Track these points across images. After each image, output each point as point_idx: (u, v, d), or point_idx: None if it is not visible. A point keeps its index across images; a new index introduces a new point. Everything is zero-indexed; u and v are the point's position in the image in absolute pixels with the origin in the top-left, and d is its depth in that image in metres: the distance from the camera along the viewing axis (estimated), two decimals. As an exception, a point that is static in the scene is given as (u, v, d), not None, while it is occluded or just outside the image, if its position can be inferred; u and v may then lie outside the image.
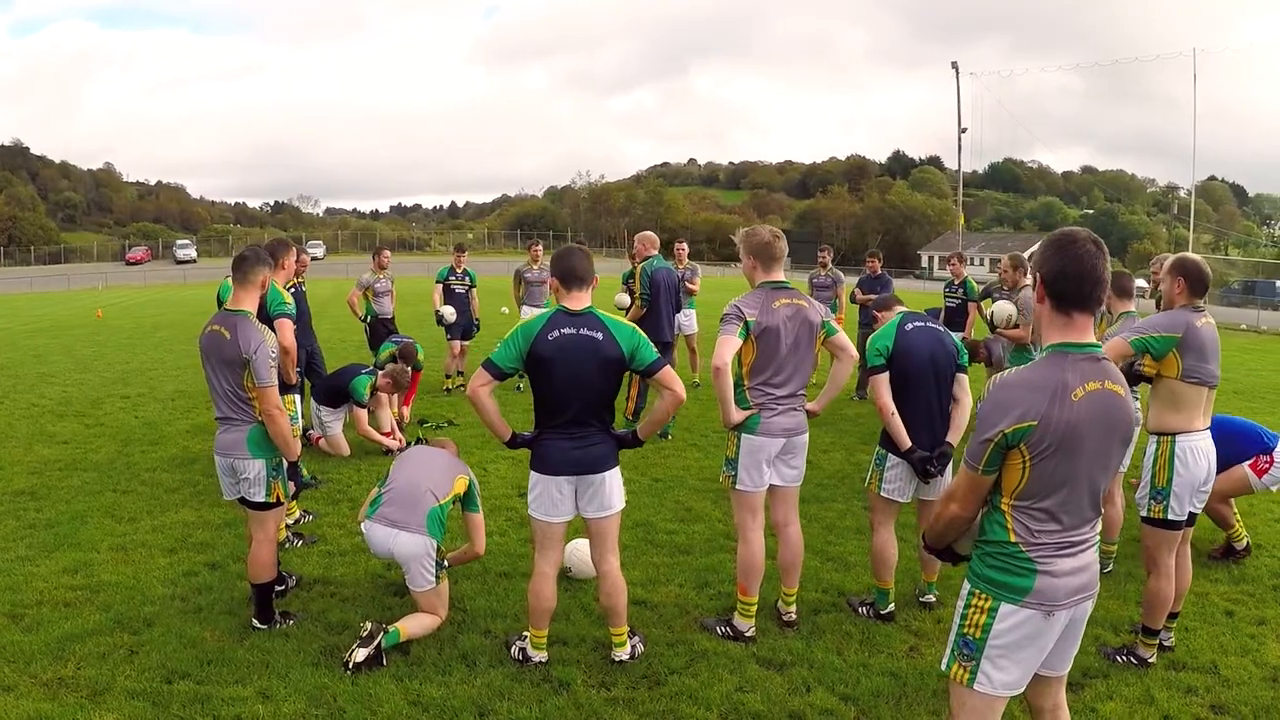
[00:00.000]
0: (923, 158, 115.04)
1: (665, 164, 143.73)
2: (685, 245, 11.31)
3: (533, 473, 3.91)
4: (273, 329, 4.68)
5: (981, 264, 59.90)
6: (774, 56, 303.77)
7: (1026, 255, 8.10)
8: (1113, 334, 5.18)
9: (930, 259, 68.52)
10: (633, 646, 4.11)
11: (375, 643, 3.92)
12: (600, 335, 3.76)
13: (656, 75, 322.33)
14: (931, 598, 4.79)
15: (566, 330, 3.75)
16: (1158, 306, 5.28)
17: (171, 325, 19.79)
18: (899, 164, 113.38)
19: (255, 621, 4.30)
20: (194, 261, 64.68)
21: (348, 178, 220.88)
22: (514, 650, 4.10)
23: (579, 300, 3.86)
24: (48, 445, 8.11)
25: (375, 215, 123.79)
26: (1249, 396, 12.11)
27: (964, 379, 4.57)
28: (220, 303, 7.05)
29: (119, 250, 70.54)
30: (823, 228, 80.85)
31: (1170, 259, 4.43)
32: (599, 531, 3.97)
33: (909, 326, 4.47)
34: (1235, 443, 5.47)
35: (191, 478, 7.02)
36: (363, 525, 4.34)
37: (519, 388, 10.94)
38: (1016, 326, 6.55)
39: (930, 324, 4.59)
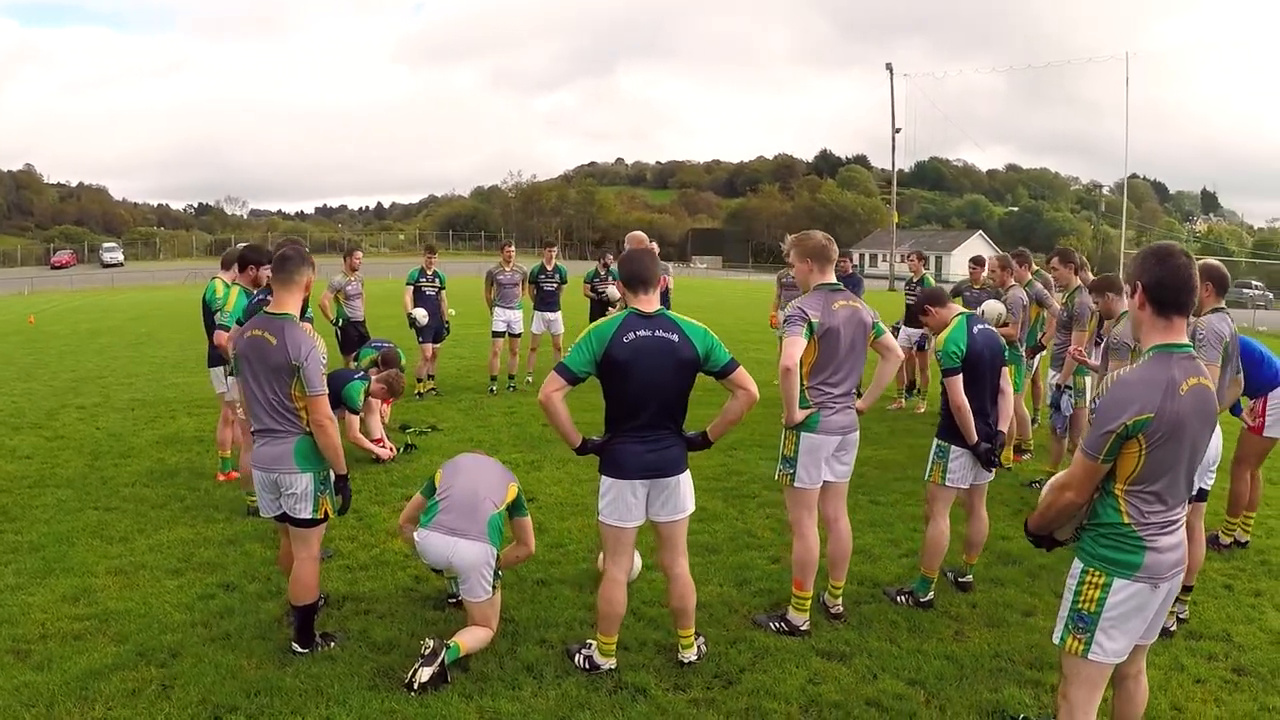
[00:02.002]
0: (849, 156, 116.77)
1: (593, 163, 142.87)
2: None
3: (605, 477, 3.70)
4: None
5: (902, 261, 61.16)
6: (700, 56, 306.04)
7: (996, 254, 8.12)
8: (1119, 334, 5.24)
9: (861, 256, 68.82)
10: (699, 647, 3.98)
11: (439, 660, 3.62)
12: (676, 337, 3.62)
13: (583, 75, 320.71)
14: (969, 578, 4.87)
15: (642, 332, 3.58)
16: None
17: (110, 331, 18.60)
18: (826, 163, 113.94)
19: (295, 645, 3.93)
20: (121, 265, 61.38)
21: (271, 178, 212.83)
22: (579, 659, 3.88)
23: (649, 302, 3.70)
24: (9, 460, 7.42)
25: (301, 216, 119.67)
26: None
27: (1006, 372, 4.74)
28: (206, 305, 6.55)
29: (43, 254, 66.31)
30: (754, 226, 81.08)
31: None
32: (671, 535, 3.81)
33: (975, 329, 4.58)
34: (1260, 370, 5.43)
35: (176, 492, 6.50)
36: (416, 535, 4.02)
37: (492, 390, 10.60)
38: (1006, 325, 6.55)
39: (985, 324, 4.73)
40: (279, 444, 3.83)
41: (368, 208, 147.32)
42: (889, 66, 35.28)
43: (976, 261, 8.89)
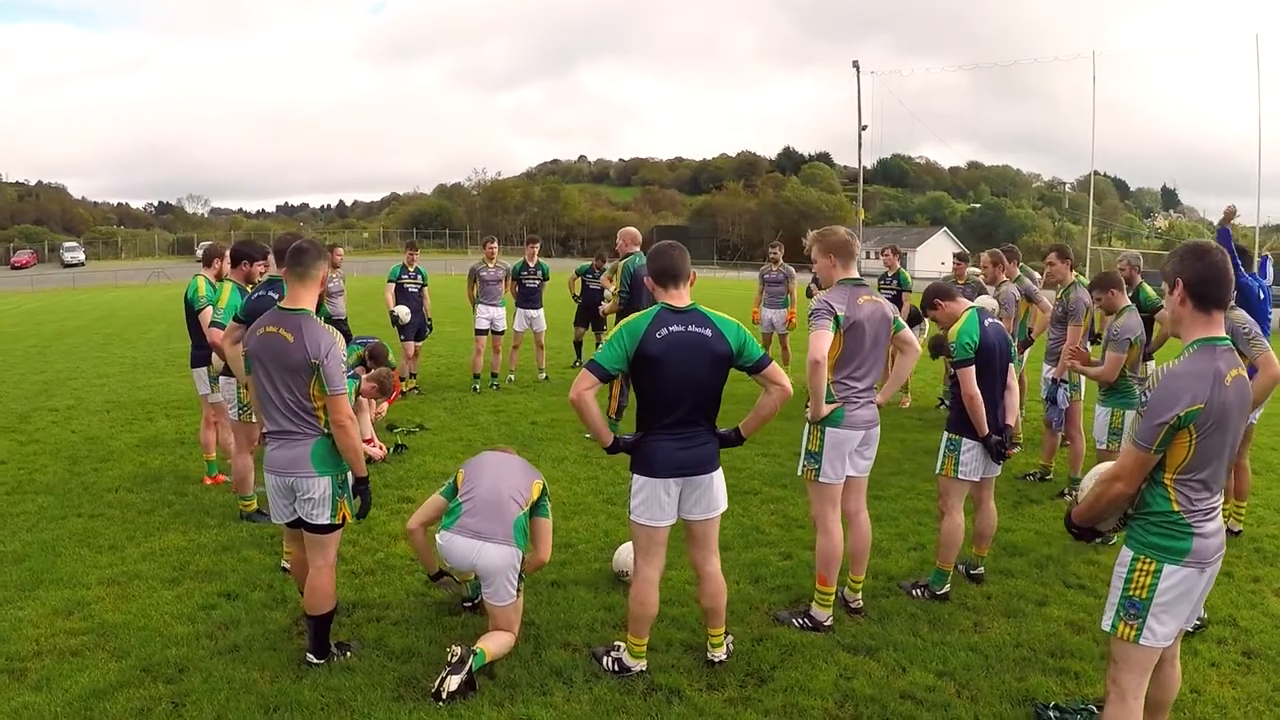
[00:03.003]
0: (812, 154, 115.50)
1: (555, 161, 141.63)
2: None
3: (637, 476, 3.56)
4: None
5: (875, 258, 61.59)
6: (663, 54, 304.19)
7: (976, 252, 8.10)
8: (1120, 328, 5.24)
9: None
10: (728, 646, 3.89)
11: (466, 667, 3.44)
12: (709, 332, 3.48)
13: (546, 72, 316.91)
14: (980, 570, 4.85)
15: (675, 328, 3.44)
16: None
17: (77, 332, 17.88)
18: (789, 160, 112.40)
19: (311, 656, 3.72)
20: (82, 264, 59.33)
21: (232, 177, 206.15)
22: (607, 661, 3.75)
23: (680, 297, 3.56)
24: (-18, 467, 7.03)
25: (262, 215, 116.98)
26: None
27: (1012, 368, 4.69)
28: (188, 302, 6.24)
29: (2, 254, 63.93)
30: (719, 223, 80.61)
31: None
32: (703, 533, 3.69)
33: (986, 323, 4.53)
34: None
35: (163, 497, 6.20)
36: (439, 537, 3.83)
37: (475, 388, 10.37)
38: (999, 320, 6.52)
39: (993, 319, 4.68)
40: (296, 446, 3.60)
41: (329, 206, 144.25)
42: (856, 64, 34.81)
43: (960, 257, 8.89)
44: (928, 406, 9.84)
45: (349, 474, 3.70)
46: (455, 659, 3.46)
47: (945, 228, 72.35)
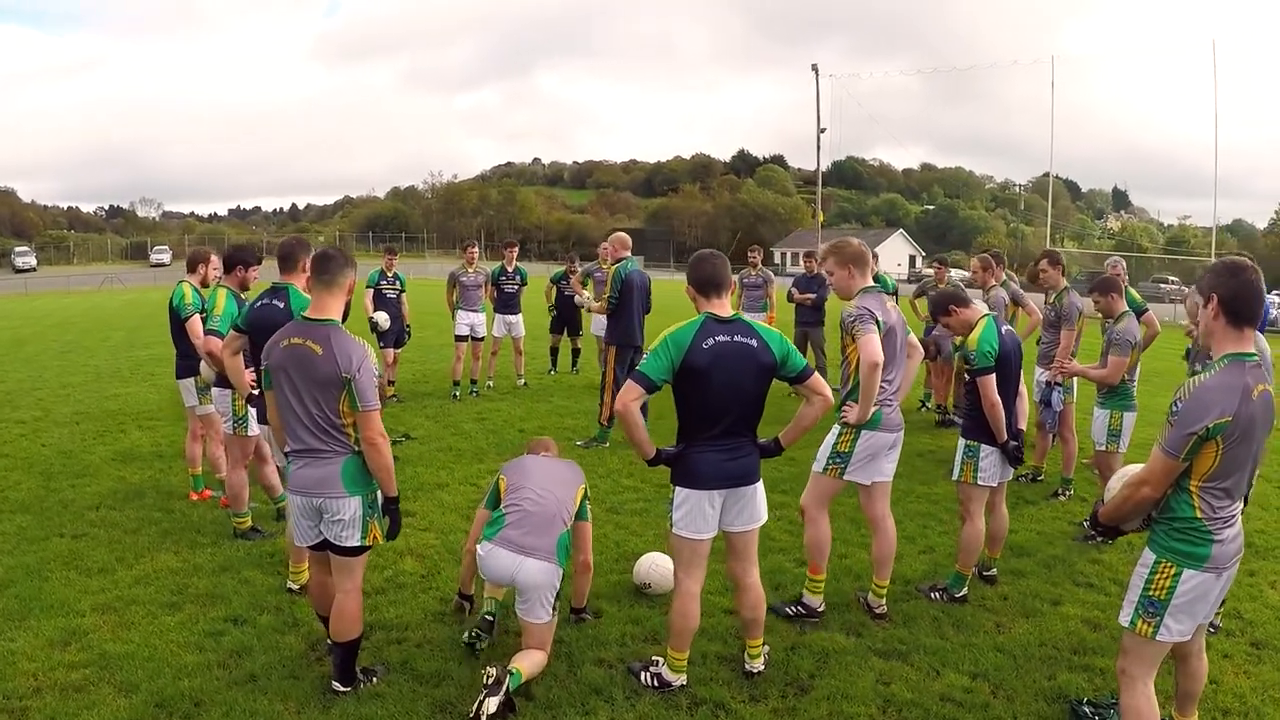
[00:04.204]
0: (767, 156, 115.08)
1: (509, 163, 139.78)
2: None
3: (679, 489, 3.44)
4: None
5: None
6: (617, 56, 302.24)
7: (977, 256, 8.06)
8: (1119, 332, 5.27)
9: (784, 255, 68.32)
10: (765, 656, 3.80)
11: (504, 688, 3.25)
12: (755, 342, 3.38)
13: (500, 75, 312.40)
14: (993, 571, 4.86)
15: (721, 338, 3.33)
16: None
17: (34, 340, 16.98)
18: (744, 162, 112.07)
19: (336, 684, 3.49)
20: (34, 269, 56.88)
21: (183, 180, 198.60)
22: (646, 677, 3.61)
23: (724, 306, 3.46)
24: (-52, 486, 6.56)
25: (214, 218, 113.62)
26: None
27: (1020, 374, 4.70)
28: (173, 310, 5.88)
29: (-49, 260, 60.92)
30: (675, 226, 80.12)
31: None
32: (744, 545, 3.60)
33: (1003, 330, 4.53)
34: None
35: (148, 514, 5.84)
36: (480, 548, 3.63)
37: (455, 395, 10.07)
38: None
39: (1008, 324, 4.75)
40: (323, 465, 3.35)
41: (282, 209, 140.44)
42: (815, 68, 34.70)
43: (940, 262, 8.91)
44: (909, 409, 9.85)
45: (378, 493, 3.47)
46: (491, 680, 3.26)
47: (901, 229, 72.88)
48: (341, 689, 3.48)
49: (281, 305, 4.39)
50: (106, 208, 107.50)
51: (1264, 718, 3.55)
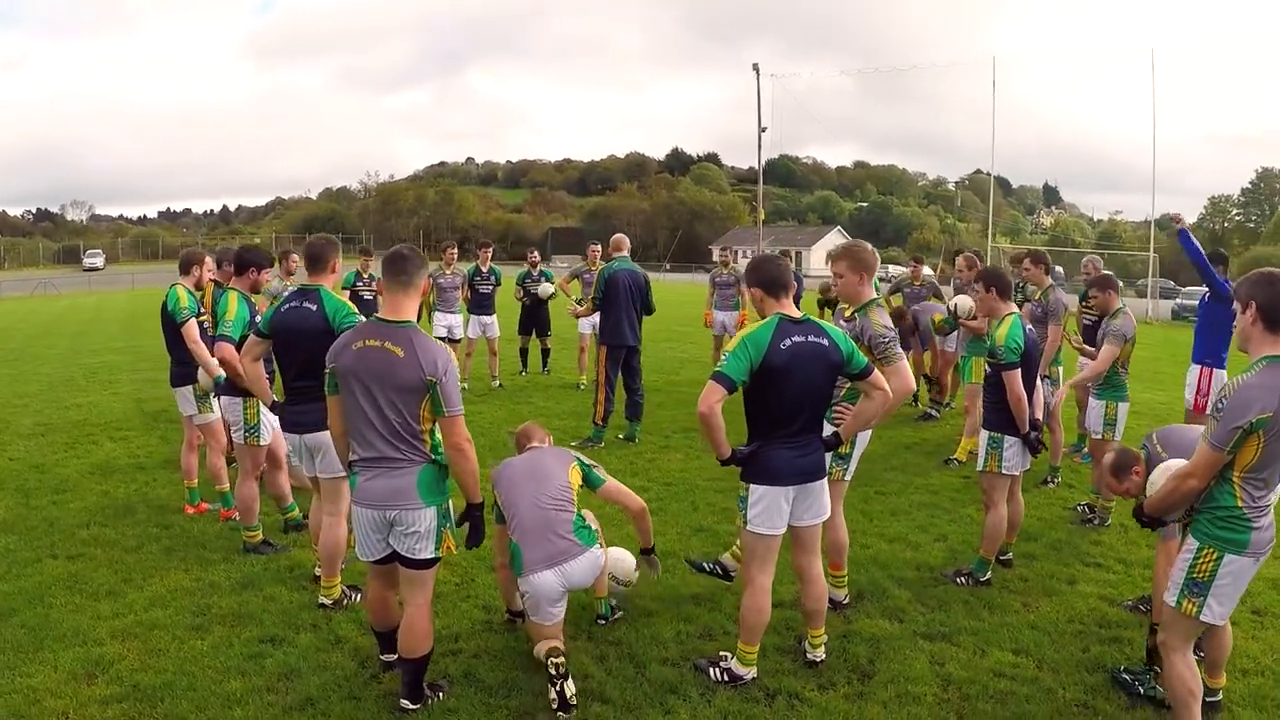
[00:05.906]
0: (700, 154, 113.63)
1: (443, 163, 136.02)
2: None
3: (754, 486, 3.39)
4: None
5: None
6: (550, 55, 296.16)
7: (964, 254, 8.10)
8: (1115, 327, 5.40)
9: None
10: (825, 645, 3.78)
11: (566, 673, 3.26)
12: (826, 341, 3.37)
13: (432, 74, 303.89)
14: (1009, 555, 4.92)
15: (796, 338, 3.30)
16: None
17: (-32, 349, 15.82)
18: (678, 161, 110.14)
19: (405, 702, 3.26)
20: None
21: (112, 182, 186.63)
22: (715, 673, 3.56)
23: (790, 307, 3.42)
24: (-85, 508, 5.96)
25: (144, 221, 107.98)
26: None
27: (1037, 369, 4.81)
28: (168, 314, 5.46)
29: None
30: (613, 225, 79.50)
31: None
32: (810, 538, 3.59)
33: (1027, 327, 4.61)
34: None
35: (146, 531, 5.42)
36: (522, 584, 3.52)
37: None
38: (975, 319, 6.62)
39: (1027, 322, 4.81)
40: (399, 476, 3.12)
41: (213, 211, 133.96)
42: (756, 67, 34.79)
43: (916, 259, 9.02)
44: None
45: (449, 502, 3.26)
46: (560, 668, 3.23)
47: (839, 226, 73.02)
48: (411, 706, 3.26)
49: (314, 308, 4.10)
50: (34, 211, 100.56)
51: (1278, 674, 3.77)
